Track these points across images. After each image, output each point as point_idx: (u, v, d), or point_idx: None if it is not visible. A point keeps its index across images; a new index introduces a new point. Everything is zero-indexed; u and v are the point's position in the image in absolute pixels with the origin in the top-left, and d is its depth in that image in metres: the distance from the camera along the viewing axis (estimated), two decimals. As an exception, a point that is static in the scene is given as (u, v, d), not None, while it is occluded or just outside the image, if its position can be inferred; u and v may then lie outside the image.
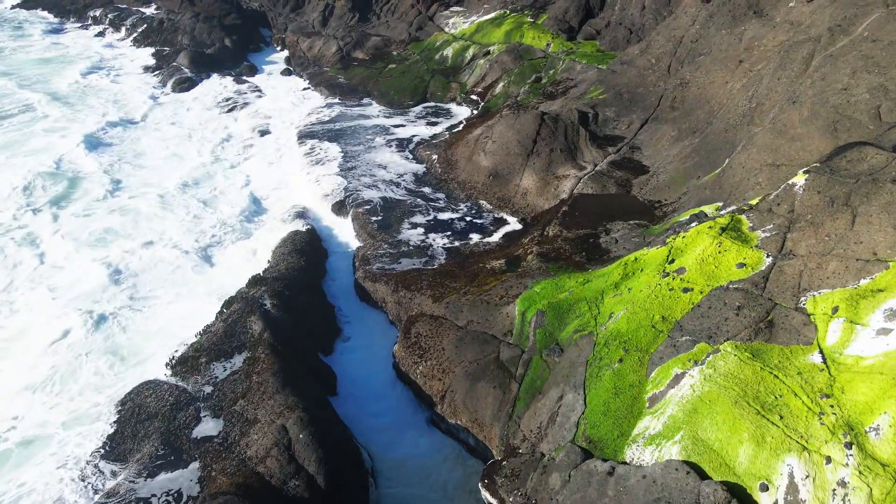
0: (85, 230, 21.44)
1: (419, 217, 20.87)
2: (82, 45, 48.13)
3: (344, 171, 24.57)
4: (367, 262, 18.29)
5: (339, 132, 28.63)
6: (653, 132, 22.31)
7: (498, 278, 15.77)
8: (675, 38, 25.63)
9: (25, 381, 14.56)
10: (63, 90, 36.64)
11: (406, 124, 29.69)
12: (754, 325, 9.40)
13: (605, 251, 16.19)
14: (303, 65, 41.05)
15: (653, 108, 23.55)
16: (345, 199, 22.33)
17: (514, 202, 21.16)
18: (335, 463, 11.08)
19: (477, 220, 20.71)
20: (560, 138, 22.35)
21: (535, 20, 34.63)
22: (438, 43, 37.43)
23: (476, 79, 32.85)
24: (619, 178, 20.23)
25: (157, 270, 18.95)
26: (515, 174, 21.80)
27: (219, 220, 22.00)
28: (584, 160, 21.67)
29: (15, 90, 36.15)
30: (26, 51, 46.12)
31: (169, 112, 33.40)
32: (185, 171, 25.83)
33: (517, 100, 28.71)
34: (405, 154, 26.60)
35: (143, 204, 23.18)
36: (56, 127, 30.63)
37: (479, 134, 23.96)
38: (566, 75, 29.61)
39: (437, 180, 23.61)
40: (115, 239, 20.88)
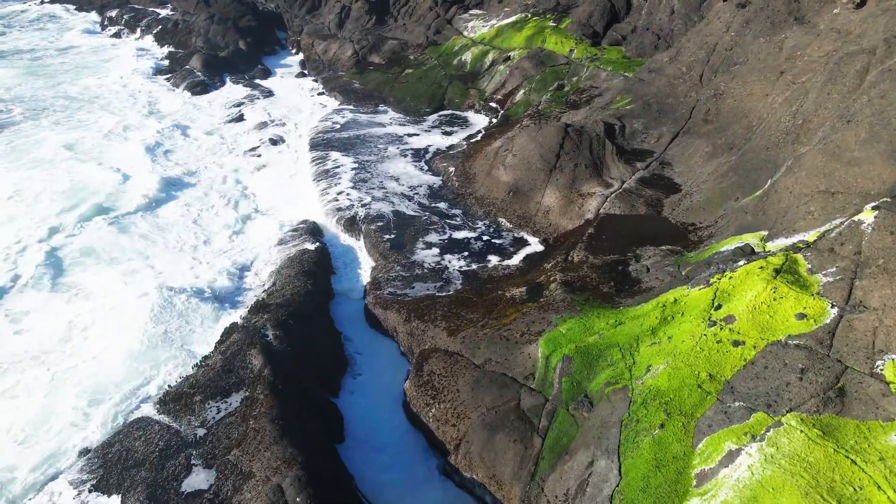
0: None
1: (434, 236, 19.67)
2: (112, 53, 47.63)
3: (356, 184, 23.45)
4: (379, 286, 17.12)
5: (353, 141, 27.52)
6: (684, 147, 20.90)
7: (518, 310, 14.51)
8: (707, 46, 24.16)
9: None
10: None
11: (422, 133, 28.51)
12: (822, 392, 8.06)
13: (635, 281, 14.86)
14: (317, 68, 40.06)
15: (684, 121, 22.13)
16: (356, 214, 21.19)
17: (536, 221, 19.87)
18: (336, 527, 9.93)
19: (496, 239, 19.46)
20: (585, 152, 21.02)
21: (557, 24, 33.28)
22: (457, 47, 36.22)
23: (496, 85, 31.58)
24: (648, 197, 18.86)
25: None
26: (537, 191, 20.51)
27: (220, 237, 20.96)
28: (611, 176, 20.32)
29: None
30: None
31: (176, 118, 32.54)
32: (186, 182, 24.80)
33: (538, 109, 27.40)
34: (420, 165, 25.43)
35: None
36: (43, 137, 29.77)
37: (499, 146, 22.70)
38: (590, 83, 28.24)
39: (453, 195, 22.39)
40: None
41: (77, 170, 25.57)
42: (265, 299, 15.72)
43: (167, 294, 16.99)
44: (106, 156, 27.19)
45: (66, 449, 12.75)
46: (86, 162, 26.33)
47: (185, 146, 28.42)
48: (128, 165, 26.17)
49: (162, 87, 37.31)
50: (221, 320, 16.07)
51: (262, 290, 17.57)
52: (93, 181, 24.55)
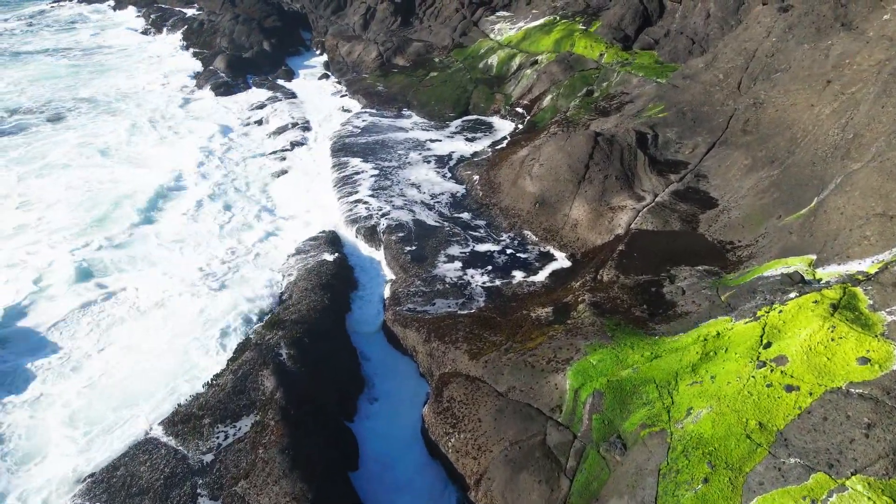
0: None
1: (457, 248, 18.93)
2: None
3: (377, 191, 22.81)
4: (398, 302, 16.43)
5: (375, 146, 26.90)
6: (721, 158, 19.86)
7: (544, 332, 13.70)
8: (746, 52, 23.04)
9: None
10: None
11: (445, 139, 27.79)
12: (892, 453, 7.15)
13: (669, 304, 13.95)
14: (341, 70, 39.58)
15: (721, 131, 21.08)
16: (377, 224, 20.55)
17: (563, 235, 19.02)
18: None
19: (521, 253, 18.65)
20: (615, 163, 20.10)
21: (587, 28, 32.31)
22: (483, 50, 35.42)
23: (522, 90, 30.73)
24: (683, 212, 17.89)
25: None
26: (565, 203, 19.65)
27: (236, 244, 20.46)
28: (643, 189, 19.38)
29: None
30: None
31: (199, 121, 32.25)
32: (205, 187, 24.35)
33: (566, 115, 26.50)
34: (444, 172, 24.71)
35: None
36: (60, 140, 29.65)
37: (525, 155, 21.88)
38: (621, 89, 27.25)
39: (477, 205, 21.62)
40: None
41: (100, 177, 25.31)
42: (280, 314, 15.12)
43: (194, 303, 16.59)
44: (127, 162, 26.91)
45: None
46: (110, 167, 26.05)
47: (205, 151, 28.00)
48: (150, 172, 25.87)
49: (184, 90, 37.10)
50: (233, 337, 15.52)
51: (277, 301, 17.02)
52: (120, 188, 24.28)
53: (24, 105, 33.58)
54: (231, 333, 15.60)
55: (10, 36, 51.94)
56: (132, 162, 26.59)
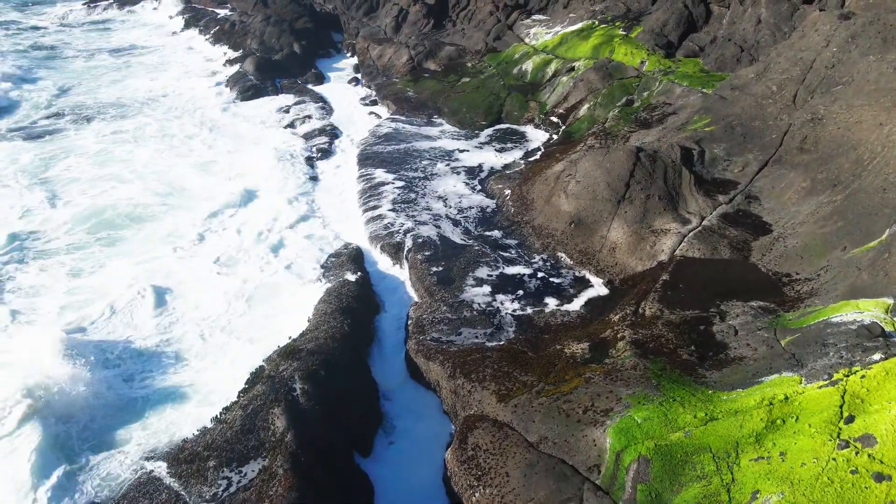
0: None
1: (485, 270, 17.78)
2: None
3: (403, 205, 21.80)
4: (422, 330, 15.35)
5: (402, 155, 25.90)
6: (775, 179, 18.34)
7: (580, 373, 12.48)
8: (803, 62, 21.41)
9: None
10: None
11: (476, 149, 26.65)
12: None
13: (721, 346, 12.60)
14: (371, 74, 38.72)
15: (774, 148, 19.53)
16: (402, 241, 19.52)
17: (600, 259, 17.73)
18: None
19: (554, 278, 17.42)
20: (658, 182, 18.72)
21: (627, 33, 30.82)
22: (517, 55, 34.18)
23: (558, 98, 29.42)
24: (733, 238, 16.45)
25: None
26: (602, 224, 18.35)
27: (257, 261, 19.65)
28: (688, 211, 17.98)
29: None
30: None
31: (224, 123, 31.69)
32: (220, 199, 23.54)
33: (604, 126, 25.13)
34: (473, 184, 23.58)
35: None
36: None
37: (561, 170, 20.62)
38: (663, 99, 25.76)
39: (508, 222, 20.44)
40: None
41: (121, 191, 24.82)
42: (296, 341, 14.16)
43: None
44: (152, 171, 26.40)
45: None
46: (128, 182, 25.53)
47: (229, 159, 27.34)
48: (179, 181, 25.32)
49: (210, 92, 36.67)
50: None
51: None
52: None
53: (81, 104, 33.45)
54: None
55: (44, 35, 52.37)
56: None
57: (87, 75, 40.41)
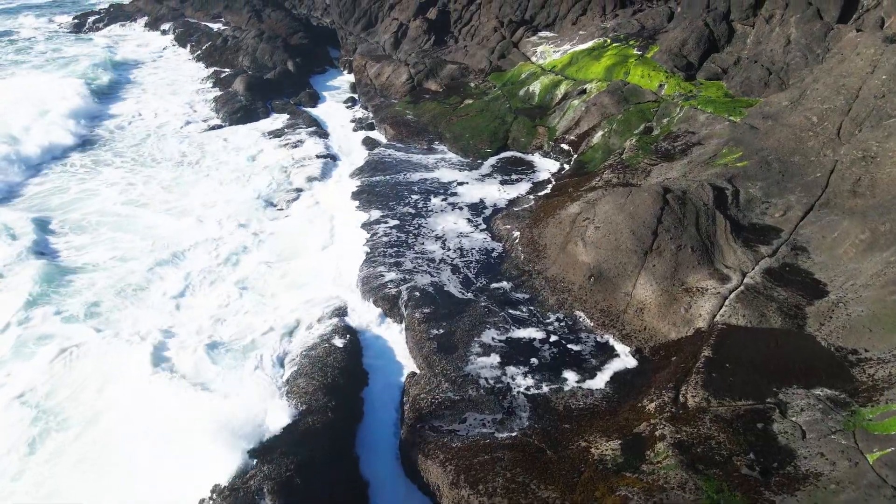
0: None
1: (493, 333, 15.44)
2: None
3: (401, 248, 19.51)
4: (419, 414, 12.99)
5: (401, 188, 23.63)
6: (825, 227, 16.01)
7: (613, 487, 10.12)
8: (846, 90, 19.15)
9: None
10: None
11: (480, 181, 24.38)
12: None
13: (786, 454, 10.25)
14: (368, 94, 36.54)
15: (820, 189, 17.24)
16: (398, 293, 17.20)
17: (625, 321, 15.38)
18: None
19: (572, 344, 15.07)
20: (690, 229, 16.41)
21: (643, 53, 28.62)
22: (524, 75, 31.99)
23: (568, 123, 27.18)
24: (783, 301, 14.10)
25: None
26: (627, 278, 16.01)
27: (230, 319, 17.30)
28: (726, 264, 15.64)
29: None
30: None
31: (209, 150, 29.48)
32: (198, 235, 21.23)
33: (621, 157, 22.84)
34: (477, 222, 21.30)
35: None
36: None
37: (577, 213, 18.31)
38: (685, 127, 23.50)
39: (517, 271, 18.11)
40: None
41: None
42: (267, 440, 11.79)
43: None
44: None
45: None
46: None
47: (209, 193, 25.04)
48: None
49: (195, 115, 34.48)
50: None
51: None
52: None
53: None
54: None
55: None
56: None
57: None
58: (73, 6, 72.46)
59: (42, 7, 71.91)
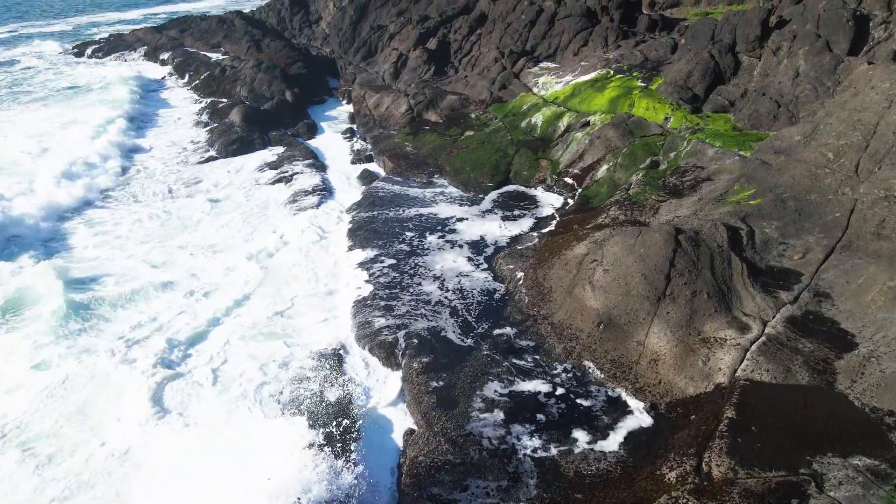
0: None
1: (496, 385, 14.41)
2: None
3: (399, 290, 18.56)
4: (417, 479, 11.91)
5: (398, 225, 22.76)
6: (849, 272, 15.08)
7: (634, 575, 9.01)
8: (863, 126, 18.40)
9: None
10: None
11: (481, 217, 23.52)
12: None
13: (826, 537, 9.17)
14: (367, 125, 35.95)
15: (840, 230, 16.36)
16: (395, 340, 16.20)
17: (638, 374, 14.35)
18: None
19: (582, 398, 14.02)
20: (705, 273, 15.47)
21: (647, 85, 28.03)
22: (526, 106, 31.39)
23: (572, 156, 26.44)
24: (809, 354, 13.10)
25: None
26: (638, 326, 15.02)
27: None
28: (745, 312, 14.67)
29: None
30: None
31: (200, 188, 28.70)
32: (183, 269, 20.29)
33: (628, 193, 22.01)
34: (478, 262, 20.37)
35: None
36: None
37: (584, 254, 17.40)
38: (693, 161, 22.73)
39: (521, 315, 17.12)
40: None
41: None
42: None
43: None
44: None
45: None
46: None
47: (201, 231, 24.18)
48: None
49: (188, 145, 33.80)
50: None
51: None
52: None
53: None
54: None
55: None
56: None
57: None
58: (73, 35, 72.54)
59: (47, 35, 72.01)
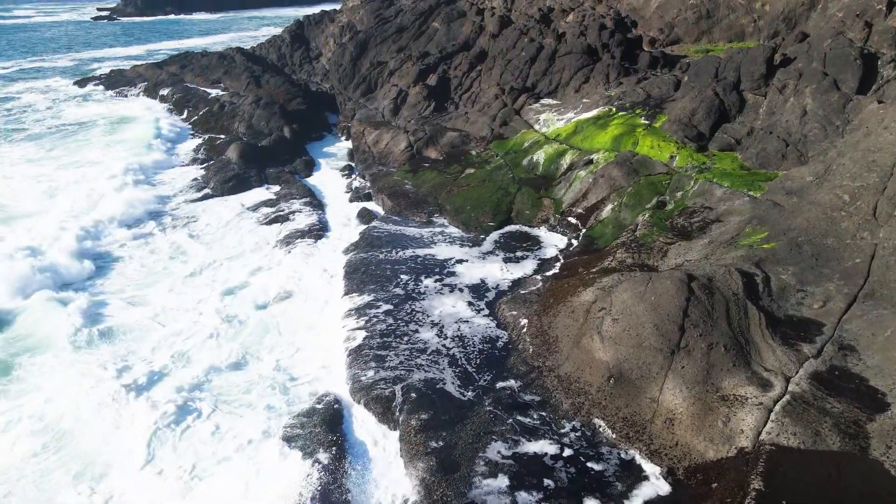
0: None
1: (500, 446, 13.40)
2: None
3: (396, 339, 17.64)
4: (413, 558, 10.85)
5: (396, 267, 21.95)
6: (873, 323, 14.21)
7: None
8: (878, 167, 17.75)
9: None
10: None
11: (483, 259, 22.71)
12: None
13: None
14: (366, 161, 35.44)
15: (862, 277, 15.55)
16: (392, 394, 15.24)
17: (653, 433, 13.36)
18: None
19: (592, 462, 13.01)
20: (721, 323, 14.60)
21: (650, 122, 27.54)
22: (527, 143, 30.88)
23: (575, 195, 25.77)
24: (838, 416, 12.14)
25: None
26: (652, 381, 14.08)
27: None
28: (766, 366, 13.74)
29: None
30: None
31: (192, 227, 27.99)
32: (171, 329, 19.39)
33: (635, 234, 21.27)
34: (479, 307, 19.50)
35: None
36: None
37: (591, 301, 16.54)
38: (701, 201, 22.03)
39: (525, 367, 16.19)
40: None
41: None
42: None
43: None
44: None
45: None
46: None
47: (193, 273, 23.37)
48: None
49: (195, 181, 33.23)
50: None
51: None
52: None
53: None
54: None
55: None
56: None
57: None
58: (75, 71, 72.89)
59: (42, 71, 72.42)
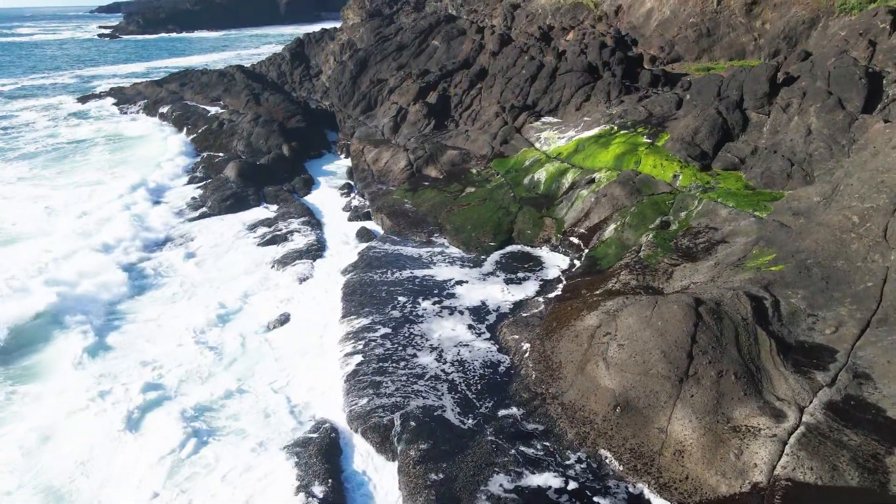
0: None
1: (502, 479, 12.86)
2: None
3: (394, 363, 17.14)
4: None
5: (395, 289, 21.50)
6: (889, 350, 13.73)
7: None
8: (887, 187, 17.38)
9: None
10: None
11: (483, 280, 22.27)
12: None
13: None
14: (365, 180, 35.13)
15: (874, 302, 15.08)
16: (391, 423, 14.70)
17: (662, 466, 12.82)
18: None
19: (599, 496, 12.47)
20: (730, 350, 14.11)
21: (652, 141, 27.23)
22: (528, 162, 30.59)
23: (577, 215, 25.39)
24: (856, 449, 11.62)
25: None
26: (660, 410, 13.57)
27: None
28: (778, 395, 13.25)
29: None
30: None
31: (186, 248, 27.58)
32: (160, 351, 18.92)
33: (639, 255, 20.84)
34: (480, 330, 19.02)
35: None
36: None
37: (596, 325, 16.07)
38: (706, 222, 21.63)
39: (528, 394, 15.67)
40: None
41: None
42: None
43: None
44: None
45: None
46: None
47: (188, 296, 22.93)
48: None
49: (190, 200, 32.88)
50: None
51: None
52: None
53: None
54: None
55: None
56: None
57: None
58: (76, 88, 73.00)
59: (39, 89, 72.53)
